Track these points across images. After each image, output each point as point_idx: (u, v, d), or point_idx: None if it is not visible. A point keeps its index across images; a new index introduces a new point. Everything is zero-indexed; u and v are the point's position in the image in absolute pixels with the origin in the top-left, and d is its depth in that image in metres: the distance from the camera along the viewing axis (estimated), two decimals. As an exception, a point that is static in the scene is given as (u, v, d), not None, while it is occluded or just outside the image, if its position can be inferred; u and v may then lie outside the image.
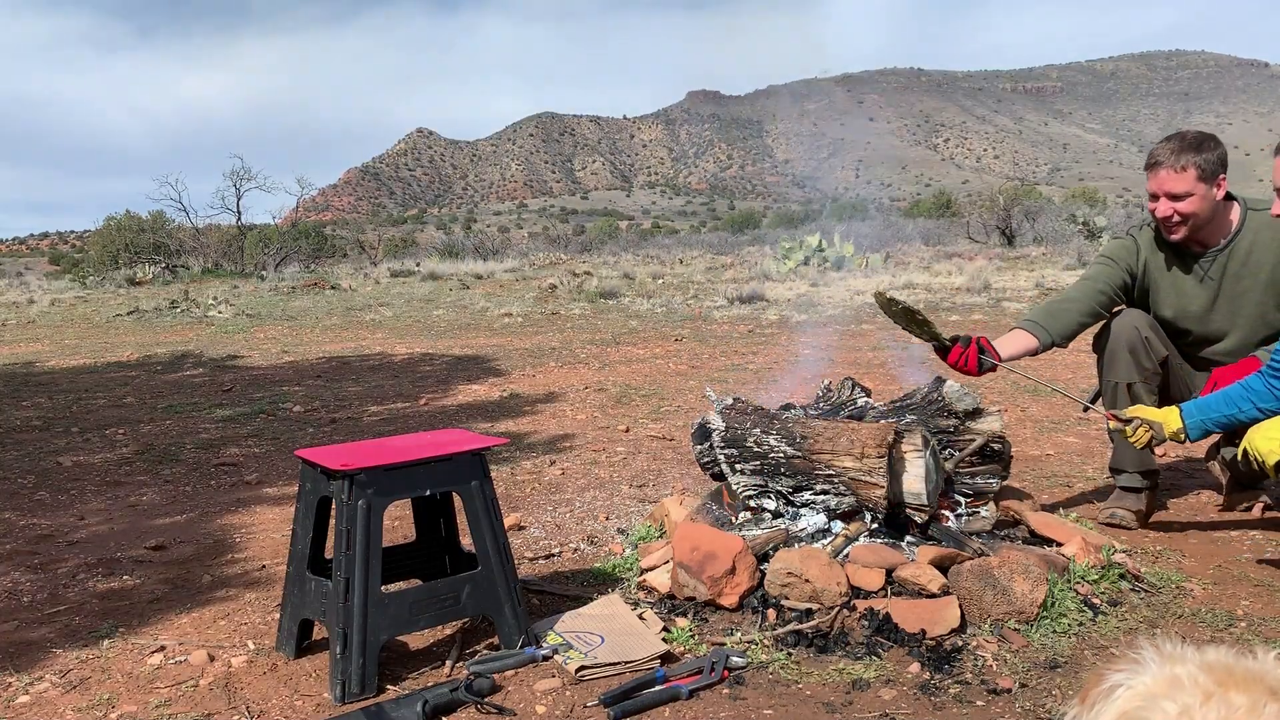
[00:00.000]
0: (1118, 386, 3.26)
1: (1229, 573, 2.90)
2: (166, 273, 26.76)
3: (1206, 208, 3.13)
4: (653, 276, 19.42)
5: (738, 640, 2.47)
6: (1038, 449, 4.54)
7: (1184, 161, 3.09)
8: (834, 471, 2.80)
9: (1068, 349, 3.63)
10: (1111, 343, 3.28)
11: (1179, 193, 3.11)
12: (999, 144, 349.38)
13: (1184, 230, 3.17)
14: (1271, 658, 0.85)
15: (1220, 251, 3.23)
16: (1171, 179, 3.11)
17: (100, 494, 4.33)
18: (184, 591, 3.05)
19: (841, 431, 2.83)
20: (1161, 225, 3.23)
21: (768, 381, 6.69)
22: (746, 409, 3.18)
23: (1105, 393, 3.35)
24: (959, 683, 2.25)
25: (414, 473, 2.39)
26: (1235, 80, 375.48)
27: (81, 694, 2.34)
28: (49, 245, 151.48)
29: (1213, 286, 3.24)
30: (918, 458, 2.75)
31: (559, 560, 3.21)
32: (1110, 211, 33.96)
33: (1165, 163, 3.13)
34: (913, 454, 2.76)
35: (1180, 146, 3.12)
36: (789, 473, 2.90)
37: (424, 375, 7.72)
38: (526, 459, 4.66)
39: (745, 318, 11.37)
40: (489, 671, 2.32)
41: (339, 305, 15.31)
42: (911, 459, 2.76)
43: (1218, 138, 3.18)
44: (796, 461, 2.88)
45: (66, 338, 11.80)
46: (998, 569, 2.55)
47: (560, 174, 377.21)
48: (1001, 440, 3.07)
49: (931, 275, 16.85)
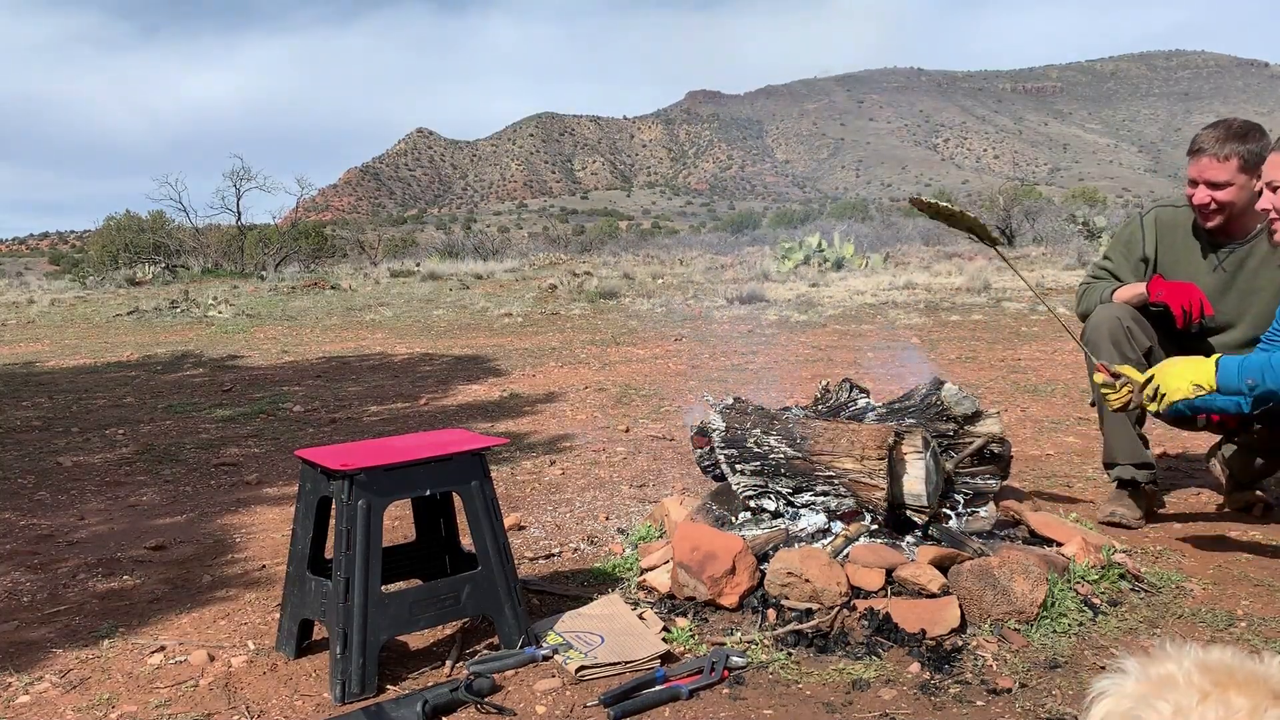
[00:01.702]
0: None
1: (1229, 573, 2.90)
2: (166, 273, 26.77)
3: (1245, 198, 3.07)
4: (653, 276, 19.42)
5: (738, 640, 2.47)
6: (1038, 449, 4.54)
7: (1228, 150, 3.05)
8: (834, 473, 2.80)
9: (1068, 349, 3.62)
10: (1093, 333, 3.25)
11: (1219, 181, 3.07)
12: (999, 144, 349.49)
13: (1219, 219, 3.13)
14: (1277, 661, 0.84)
15: (1241, 244, 3.19)
16: (1213, 167, 3.07)
17: (100, 494, 4.33)
18: (184, 591, 3.05)
19: (842, 433, 2.83)
20: (1198, 212, 3.19)
21: (767, 381, 6.69)
22: (747, 409, 3.18)
23: (1092, 385, 3.33)
24: (959, 683, 2.25)
25: (414, 473, 2.39)
26: (1235, 80, 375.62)
27: (81, 694, 2.35)
28: (49, 245, 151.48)
29: (1224, 278, 3.21)
30: (918, 459, 2.75)
31: (559, 560, 3.21)
32: (1110, 211, 33.95)
33: (1209, 150, 3.07)
34: (913, 455, 2.76)
35: (1225, 135, 3.07)
36: (789, 473, 2.90)
37: (424, 375, 7.73)
38: (526, 459, 4.66)
39: (745, 318, 11.37)
40: (489, 671, 2.32)
41: (339, 305, 15.31)
42: (912, 460, 2.76)
43: (1264, 128, 3.12)
44: (797, 463, 2.88)
45: (66, 338, 11.80)
46: (998, 569, 2.55)
47: (560, 174, 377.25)
48: (1001, 442, 3.07)
49: (931, 275, 16.85)
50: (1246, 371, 2.59)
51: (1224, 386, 2.63)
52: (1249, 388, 2.59)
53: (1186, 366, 2.66)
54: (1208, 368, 2.64)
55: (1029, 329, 9.35)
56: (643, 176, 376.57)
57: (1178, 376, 2.65)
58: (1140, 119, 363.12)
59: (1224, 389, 2.63)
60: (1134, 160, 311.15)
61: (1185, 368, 2.66)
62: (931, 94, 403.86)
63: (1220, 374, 2.61)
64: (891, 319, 10.70)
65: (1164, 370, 2.70)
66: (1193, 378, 2.64)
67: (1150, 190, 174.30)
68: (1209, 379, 2.62)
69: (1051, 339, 8.52)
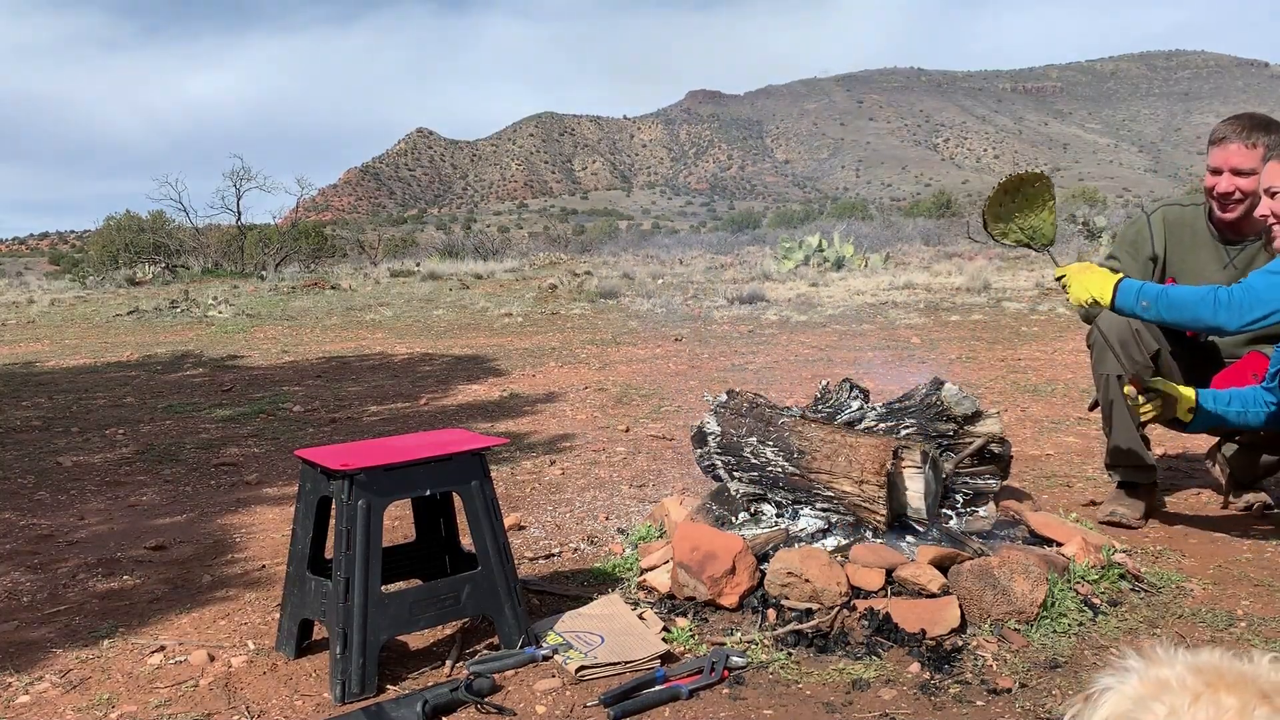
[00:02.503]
0: (1108, 379, 3.24)
1: (1229, 573, 2.90)
2: (166, 273, 26.76)
3: None
4: (652, 276, 19.42)
5: (738, 640, 2.47)
6: (1038, 449, 4.54)
7: (1255, 139, 3.06)
8: (834, 494, 2.79)
9: (1068, 348, 3.62)
10: (1102, 336, 3.25)
11: (1246, 169, 3.07)
12: (999, 144, 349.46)
13: (1240, 209, 3.13)
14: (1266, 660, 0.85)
15: (1254, 242, 3.19)
16: (1241, 154, 3.07)
17: (100, 494, 4.33)
18: (184, 591, 3.05)
19: (839, 448, 2.80)
20: (1218, 202, 3.18)
21: (767, 381, 6.69)
22: (741, 408, 3.17)
23: (1098, 386, 3.33)
24: (959, 683, 2.25)
25: (414, 473, 2.39)
26: (1235, 80, 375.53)
27: (81, 694, 2.35)
28: (49, 245, 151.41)
29: (1235, 275, 3.20)
30: (917, 474, 2.75)
31: (559, 560, 3.21)
32: (1110, 211, 33.93)
33: (1235, 138, 3.09)
34: (912, 470, 2.75)
35: (1251, 124, 3.09)
36: (788, 488, 2.90)
37: (424, 375, 7.73)
38: (526, 459, 4.66)
39: (745, 318, 11.37)
40: (489, 671, 2.32)
41: (339, 305, 15.31)
42: (911, 475, 2.75)
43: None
44: (795, 479, 2.87)
45: (66, 338, 11.80)
46: (998, 569, 2.55)
47: (560, 174, 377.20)
48: (1002, 442, 3.07)
49: (931, 275, 16.84)
50: (1145, 294, 2.76)
51: (1121, 307, 2.80)
52: (1143, 308, 2.77)
53: (1092, 279, 2.84)
54: (1107, 286, 2.81)
55: (1029, 329, 9.35)
56: (643, 176, 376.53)
57: (1081, 285, 2.85)
58: (1140, 119, 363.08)
59: (1121, 309, 2.81)
60: (1134, 160, 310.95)
61: (1090, 279, 2.84)
62: (931, 94, 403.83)
63: (1120, 296, 2.80)
64: (891, 319, 10.70)
65: (1076, 273, 2.88)
66: (1093, 291, 2.83)
67: (1150, 190, 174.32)
68: (1106, 296, 2.81)
69: (1051, 339, 8.52)
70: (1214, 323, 2.66)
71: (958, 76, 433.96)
